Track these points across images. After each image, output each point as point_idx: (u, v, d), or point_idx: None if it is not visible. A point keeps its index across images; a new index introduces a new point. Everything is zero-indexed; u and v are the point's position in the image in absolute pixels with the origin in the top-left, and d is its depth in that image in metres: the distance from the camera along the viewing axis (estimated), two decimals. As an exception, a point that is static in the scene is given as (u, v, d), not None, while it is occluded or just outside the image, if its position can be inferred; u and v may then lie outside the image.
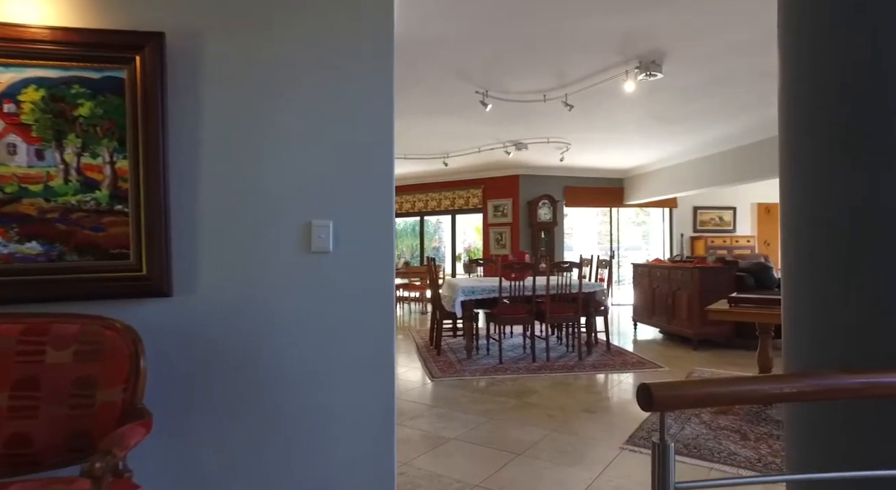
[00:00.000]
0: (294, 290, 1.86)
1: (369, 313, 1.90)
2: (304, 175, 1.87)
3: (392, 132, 1.96)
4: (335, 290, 1.89)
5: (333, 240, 1.89)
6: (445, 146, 7.73)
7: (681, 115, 6.00)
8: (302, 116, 1.87)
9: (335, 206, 1.90)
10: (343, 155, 1.90)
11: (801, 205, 1.29)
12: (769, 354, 3.54)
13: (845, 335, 1.18)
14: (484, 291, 5.38)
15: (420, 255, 11.54)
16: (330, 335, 1.88)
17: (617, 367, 5.03)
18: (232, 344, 1.81)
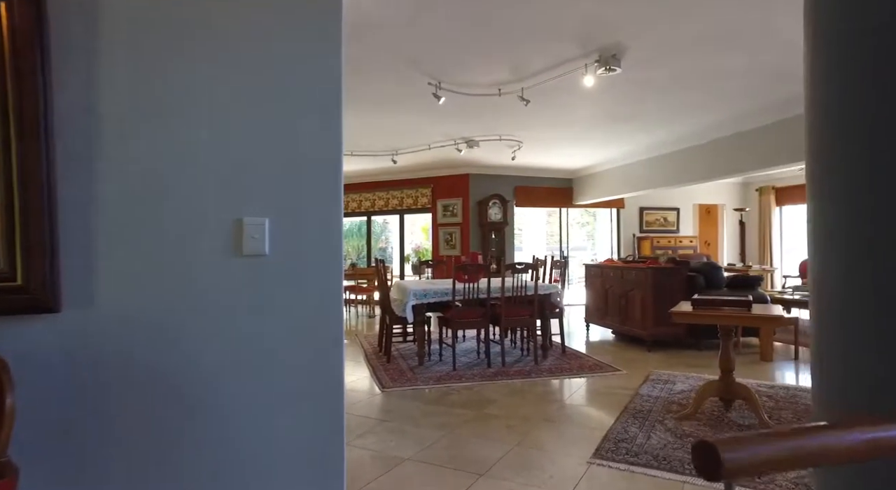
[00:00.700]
0: (221, 302, 1.52)
1: (314, 328, 1.59)
2: (234, 163, 1.54)
3: (340, 115, 1.65)
4: (273, 301, 1.56)
5: (270, 240, 1.56)
6: (395, 143, 7.41)
7: (634, 113, 5.95)
8: (234, 93, 1.54)
9: (273, 200, 1.57)
10: (283, 140, 1.58)
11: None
12: (731, 356, 3.46)
13: None
14: (436, 294, 5.11)
15: (367, 256, 11.15)
16: (267, 357, 1.55)
17: (574, 371, 4.88)
18: (140, 372, 1.46)
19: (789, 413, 3.61)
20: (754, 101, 5.60)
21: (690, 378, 4.55)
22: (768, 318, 3.25)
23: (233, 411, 1.52)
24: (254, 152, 1.56)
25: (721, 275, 5.88)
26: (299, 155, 1.59)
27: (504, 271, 5.17)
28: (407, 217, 11.56)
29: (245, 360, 1.53)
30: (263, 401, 1.54)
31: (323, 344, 1.60)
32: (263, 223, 1.56)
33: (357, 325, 8.14)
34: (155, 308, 1.47)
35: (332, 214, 1.63)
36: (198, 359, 1.50)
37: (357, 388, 4.41)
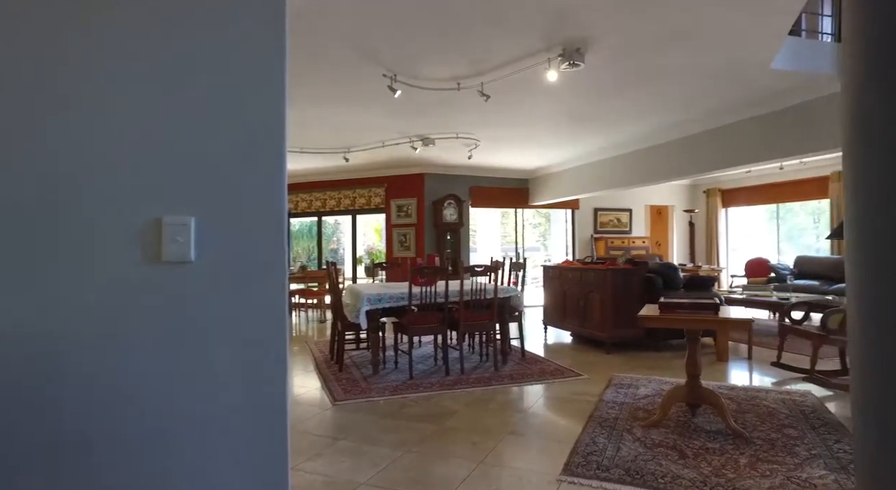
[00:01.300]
0: (133, 320, 1.22)
1: (252, 353, 1.31)
2: (151, 150, 1.24)
3: (283, 100, 1.38)
4: (199, 319, 1.27)
5: (196, 244, 1.28)
6: (347, 140, 7.09)
7: (593, 113, 5.88)
8: (152, 62, 1.24)
9: (201, 196, 1.29)
10: (215, 124, 1.29)
11: None
12: (698, 360, 3.37)
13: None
14: (392, 299, 4.85)
15: (318, 257, 10.73)
16: (189, 384, 1.26)
17: (535, 377, 4.73)
18: (22, 415, 1.14)
19: (753, 416, 3.55)
20: (709, 104, 5.62)
21: (653, 382, 4.47)
22: (737, 322, 3.16)
23: (152, 457, 1.22)
24: (179, 139, 1.26)
25: (678, 276, 5.88)
26: (234, 144, 1.31)
27: (462, 274, 4.97)
28: (359, 217, 11.21)
29: (162, 395, 1.24)
30: (191, 445, 1.25)
31: (263, 370, 1.32)
32: (189, 223, 1.27)
33: (307, 331, 7.75)
34: (41, 329, 1.16)
35: (274, 212, 1.36)
36: (96, 392, 1.19)
37: (307, 402, 4.09)
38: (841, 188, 9.32)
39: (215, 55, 1.29)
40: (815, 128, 5.30)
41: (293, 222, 17.61)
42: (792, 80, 4.97)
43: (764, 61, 4.44)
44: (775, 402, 3.90)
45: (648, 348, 5.78)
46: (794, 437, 3.19)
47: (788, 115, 5.52)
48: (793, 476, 2.66)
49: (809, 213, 11.66)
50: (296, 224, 17.89)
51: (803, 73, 4.81)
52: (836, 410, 3.71)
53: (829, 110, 5.14)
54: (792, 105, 5.44)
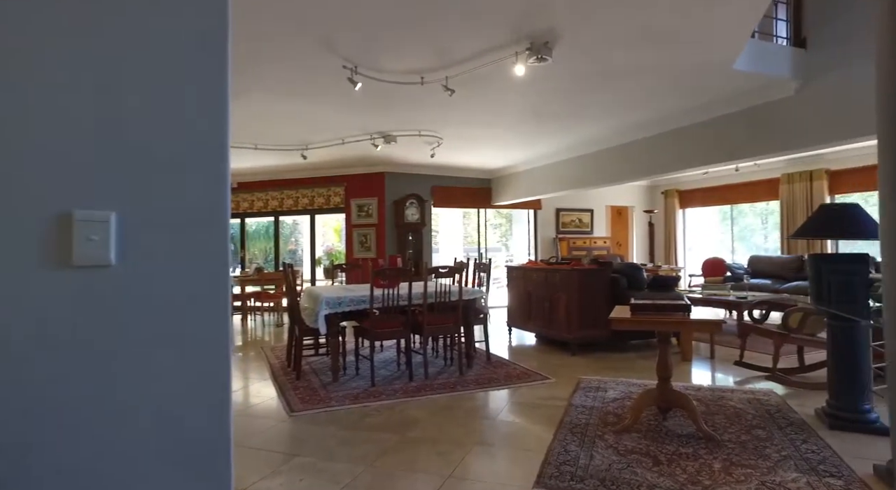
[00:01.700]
0: (34, 340, 0.99)
1: (187, 378, 1.10)
2: (59, 128, 1.02)
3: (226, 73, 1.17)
4: (122, 338, 1.05)
5: (118, 245, 1.06)
6: (305, 136, 6.80)
7: (558, 111, 5.81)
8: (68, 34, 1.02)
9: (123, 186, 1.07)
10: (144, 107, 1.08)
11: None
12: (669, 363, 3.30)
13: None
14: (352, 302, 4.62)
15: (275, 259, 10.33)
16: (102, 423, 1.04)
17: (501, 382, 4.59)
18: None
19: (722, 418, 3.51)
20: (672, 104, 5.64)
21: (620, 384, 4.41)
22: (709, 323, 3.10)
23: (50, 508, 0.99)
24: (95, 115, 1.04)
25: (642, 276, 5.87)
26: (166, 129, 1.09)
27: (426, 276, 4.79)
28: (318, 217, 10.88)
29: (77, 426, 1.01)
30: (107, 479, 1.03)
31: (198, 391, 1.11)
32: (108, 220, 1.05)
33: (263, 336, 7.41)
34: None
35: (214, 207, 1.15)
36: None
37: (262, 414, 3.82)
38: (790, 190, 9.67)
39: (142, 29, 1.07)
40: (770, 130, 5.37)
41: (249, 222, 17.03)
42: (751, 83, 5.02)
43: (727, 61, 4.45)
44: (741, 401, 3.89)
45: (613, 349, 5.75)
46: (763, 438, 3.16)
47: (745, 118, 5.58)
48: (767, 480, 2.60)
49: (758, 214, 12.05)
50: (252, 224, 17.31)
51: (762, 76, 4.86)
52: (799, 409, 3.72)
53: (783, 113, 5.22)
54: (749, 107, 5.50)
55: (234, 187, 9.84)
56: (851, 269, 3.38)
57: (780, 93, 5.15)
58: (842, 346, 3.42)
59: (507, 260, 16.31)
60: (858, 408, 3.35)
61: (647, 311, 3.25)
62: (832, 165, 8.90)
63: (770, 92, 5.17)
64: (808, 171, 9.15)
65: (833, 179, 8.96)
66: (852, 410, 3.35)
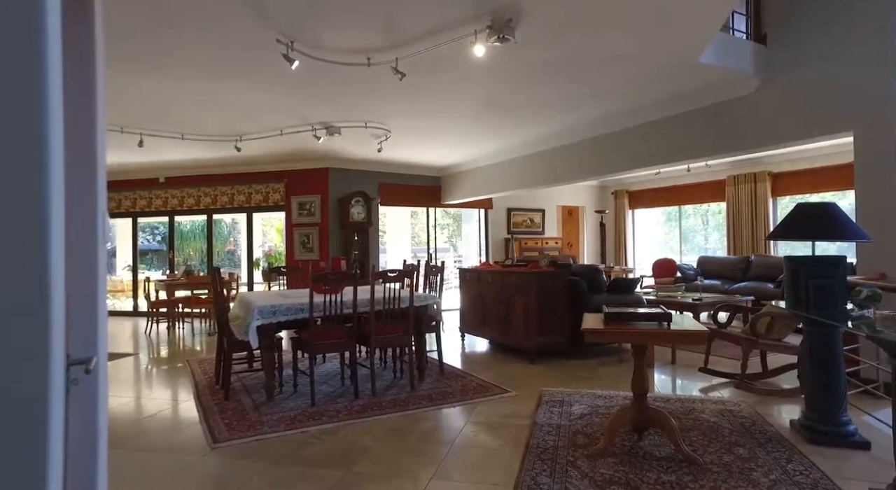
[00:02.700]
0: None
1: None
2: None
3: None
4: None
5: None
6: (238, 125, 6.15)
7: (514, 104, 5.46)
8: None
9: None
10: None
11: None
12: (646, 377, 2.97)
13: None
14: (289, 311, 4.08)
15: (208, 261, 9.52)
16: None
17: (458, 397, 4.18)
18: None
19: (698, 434, 3.23)
20: (632, 99, 5.40)
21: (585, 397, 4.09)
22: (695, 335, 2.79)
23: None
24: None
25: (602, 278, 5.62)
26: None
27: (373, 280, 4.31)
28: (258, 216, 10.14)
29: None
30: None
31: None
32: None
33: (193, 346, 6.69)
34: None
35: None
36: None
37: (177, 447, 3.23)
38: (736, 191, 9.80)
39: None
40: (730, 129, 5.22)
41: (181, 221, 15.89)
42: (714, 77, 4.83)
43: (695, 52, 4.22)
44: (713, 414, 3.64)
45: (573, 355, 5.46)
46: (747, 458, 2.89)
47: (705, 116, 5.42)
48: (763, 513, 2.30)
49: (700, 215, 12.25)
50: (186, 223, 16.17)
51: (726, 70, 4.68)
52: (773, 420, 3.51)
53: (743, 111, 5.07)
54: (710, 104, 5.34)
55: (162, 182, 8.98)
56: (831, 273, 3.17)
57: (742, 90, 5.00)
58: (820, 353, 3.22)
59: (456, 261, 16.00)
60: (837, 420, 3.15)
61: (623, 320, 2.92)
62: (774, 168, 9.05)
63: (732, 88, 5.01)
64: (753, 173, 9.27)
65: (775, 182, 9.10)
66: (831, 423, 3.15)
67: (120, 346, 6.70)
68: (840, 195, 9.06)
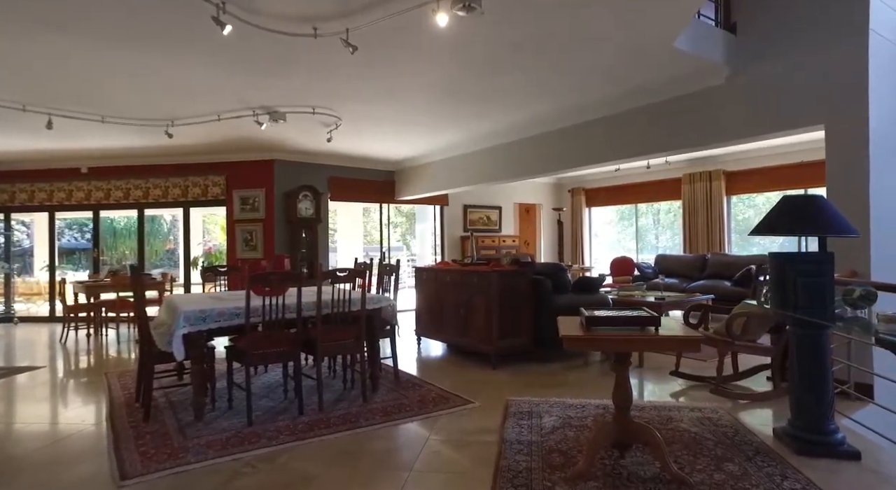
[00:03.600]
0: None
1: None
2: None
3: None
4: None
5: None
6: (168, 108, 5.50)
7: (476, 90, 5.08)
8: None
9: None
10: None
11: None
12: (629, 389, 2.65)
13: None
14: (222, 316, 3.55)
15: (139, 260, 8.70)
16: None
17: (416, 409, 3.76)
18: None
19: (681, 447, 2.95)
20: (599, 89, 5.14)
21: (555, 406, 3.75)
22: (688, 341, 2.48)
23: None
24: None
25: (567, 277, 5.33)
26: None
27: (321, 280, 3.83)
28: (196, 211, 9.38)
29: None
30: None
31: None
32: None
33: (119, 355, 5.97)
34: None
35: None
36: None
37: (69, 488, 2.65)
38: (691, 190, 9.82)
39: None
40: (699, 122, 5.04)
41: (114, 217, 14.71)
42: (686, 67, 4.62)
43: (670, 36, 3.97)
44: (692, 422, 3.37)
45: (536, 359, 5.15)
46: (738, 475, 2.61)
47: (672, 108, 5.22)
48: (771, 546, 2.00)
49: (652, 214, 12.32)
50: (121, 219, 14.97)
51: (698, 59, 4.46)
52: (756, 428, 3.28)
53: (711, 104, 4.89)
54: (678, 96, 5.15)
55: (84, 173, 8.10)
56: (820, 270, 2.95)
57: (712, 80, 4.81)
58: (808, 356, 2.99)
59: (410, 260, 15.54)
60: (825, 428, 2.93)
61: (605, 325, 2.58)
62: (729, 167, 9.09)
63: (702, 79, 4.82)
64: (708, 172, 9.29)
65: (729, 180, 9.15)
66: (818, 431, 2.93)
67: (27, 357, 5.91)
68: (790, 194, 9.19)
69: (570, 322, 2.78)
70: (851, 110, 3.93)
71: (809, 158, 8.04)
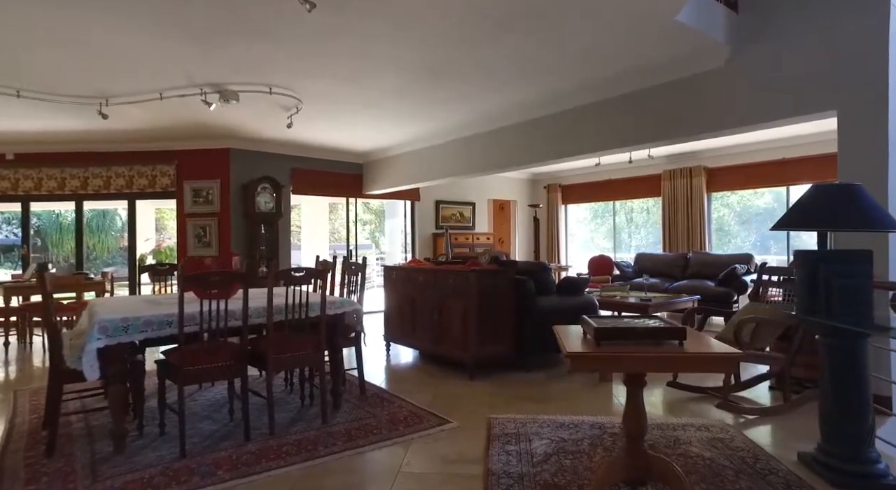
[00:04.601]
0: None
1: None
2: None
3: None
4: None
5: None
6: (100, 82, 4.79)
7: (455, 68, 4.56)
8: None
9: None
10: None
11: None
12: (644, 414, 2.17)
13: None
14: (150, 326, 2.93)
15: (77, 258, 7.87)
16: None
17: (385, 431, 3.22)
18: None
19: (699, 480, 2.49)
20: (593, 72, 4.68)
21: (545, 426, 3.26)
22: (724, 360, 2.00)
23: None
24: None
25: (551, 277, 4.86)
26: None
27: (272, 281, 3.25)
28: (144, 204, 8.60)
29: None
30: None
31: None
32: None
33: (43, 365, 5.22)
34: None
35: None
36: None
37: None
38: (672, 187, 9.53)
39: None
40: (696, 108, 4.63)
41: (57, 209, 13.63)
42: (685, 45, 4.19)
43: (672, 9, 3.52)
44: (704, 445, 2.93)
45: (517, 367, 4.67)
46: (774, 518, 2.16)
47: (667, 93, 4.81)
48: None
49: (626, 212, 12.06)
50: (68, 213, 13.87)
51: (699, 36, 4.04)
52: (776, 452, 2.86)
53: (710, 88, 4.50)
54: (673, 80, 4.73)
55: (10, 159, 7.24)
56: (859, 271, 2.53)
57: (710, 62, 4.41)
58: (844, 370, 2.57)
59: (379, 258, 14.93)
60: (864, 455, 2.52)
61: (619, 338, 2.09)
62: (710, 163, 8.81)
63: (700, 60, 4.41)
64: (689, 168, 8.99)
65: (710, 177, 8.88)
66: (856, 459, 2.51)
67: (-65, 368, 5.11)
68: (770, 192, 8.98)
69: (571, 334, 2.28)
70: (868, 94, 3.56)
71: (791, 154, 7.81)
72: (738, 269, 7.20)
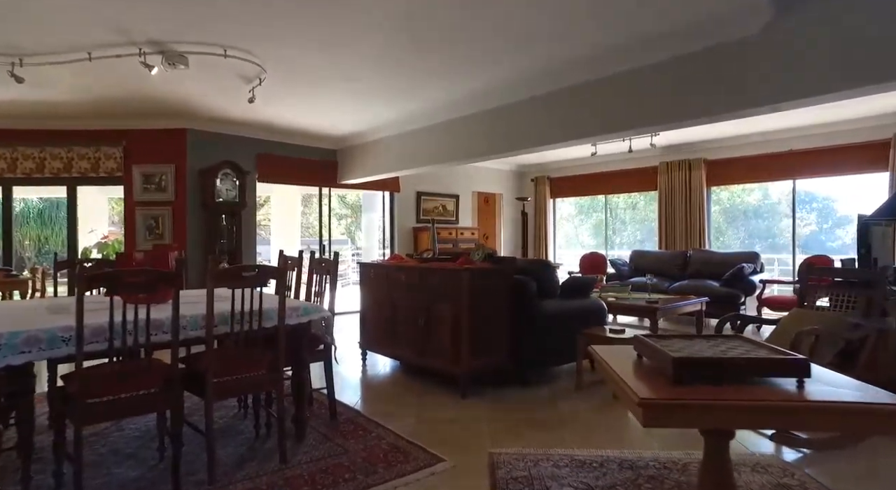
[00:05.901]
0: None
1: None
2: None
3: None
4: None
5: None
6: (10, 34, 3.91)
7: (443, 32, 3.82)
8: None
9: None
10: None
11: None
12: (730, 470, 1.50)
13: None
14: (32, 343, 2.15)
15: (3, 254, 6.89)
16: None
17: (360, 475, 2.50)
18: None
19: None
20: (606, 39, 4.00)
21: (563, 465, 2.58)
22: (884, 413, 1.33)
23: None
24: None
25: (556, 278, 4.18)
26: None
27: (212, 283, 2.49)
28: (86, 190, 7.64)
29: None
30: None
31: None
32: None
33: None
34: None
35: None
36: None
37: None
38: (668, 180, 8.99)
39: None
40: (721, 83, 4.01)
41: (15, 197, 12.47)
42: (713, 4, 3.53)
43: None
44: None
45: (515, 381, 4.00)
46: None
47: (689, 65, 4.18)
48: None
49: (610, 208, 11.54)
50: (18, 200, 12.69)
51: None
52: (859, 503, 2.23)
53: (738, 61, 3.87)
54: (694, 51, 4.10)
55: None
56: None
57: (745, 28, 3.77)
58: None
59: (354, 254, 14.12)
60: None
61: (708, 378, 1.40)
62: (711, 155, 8.27)
63: (736, 24, 3.75)
64: (687, 161, 8.44)
65: (710, 170, 8.34)
66: None
67: None
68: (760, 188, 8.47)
69: (618, 359, 1.59)
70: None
71: (800, 146, 7.30)
72: (746, 268, 6.66)
